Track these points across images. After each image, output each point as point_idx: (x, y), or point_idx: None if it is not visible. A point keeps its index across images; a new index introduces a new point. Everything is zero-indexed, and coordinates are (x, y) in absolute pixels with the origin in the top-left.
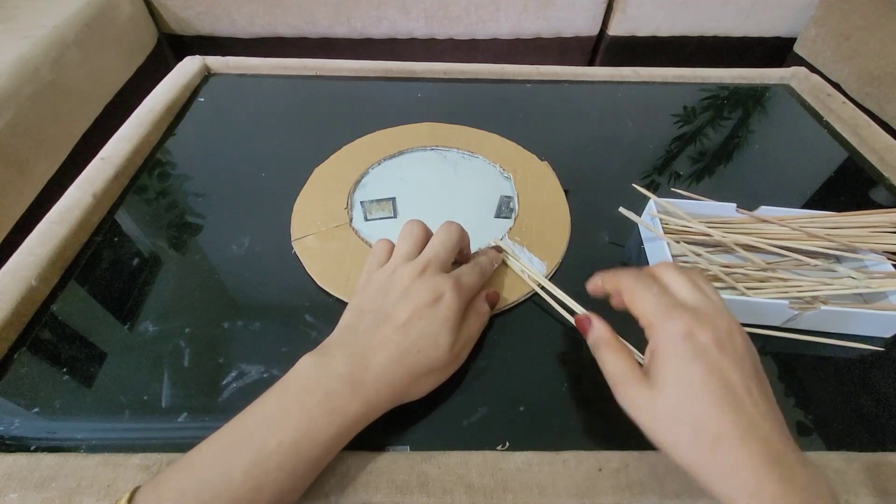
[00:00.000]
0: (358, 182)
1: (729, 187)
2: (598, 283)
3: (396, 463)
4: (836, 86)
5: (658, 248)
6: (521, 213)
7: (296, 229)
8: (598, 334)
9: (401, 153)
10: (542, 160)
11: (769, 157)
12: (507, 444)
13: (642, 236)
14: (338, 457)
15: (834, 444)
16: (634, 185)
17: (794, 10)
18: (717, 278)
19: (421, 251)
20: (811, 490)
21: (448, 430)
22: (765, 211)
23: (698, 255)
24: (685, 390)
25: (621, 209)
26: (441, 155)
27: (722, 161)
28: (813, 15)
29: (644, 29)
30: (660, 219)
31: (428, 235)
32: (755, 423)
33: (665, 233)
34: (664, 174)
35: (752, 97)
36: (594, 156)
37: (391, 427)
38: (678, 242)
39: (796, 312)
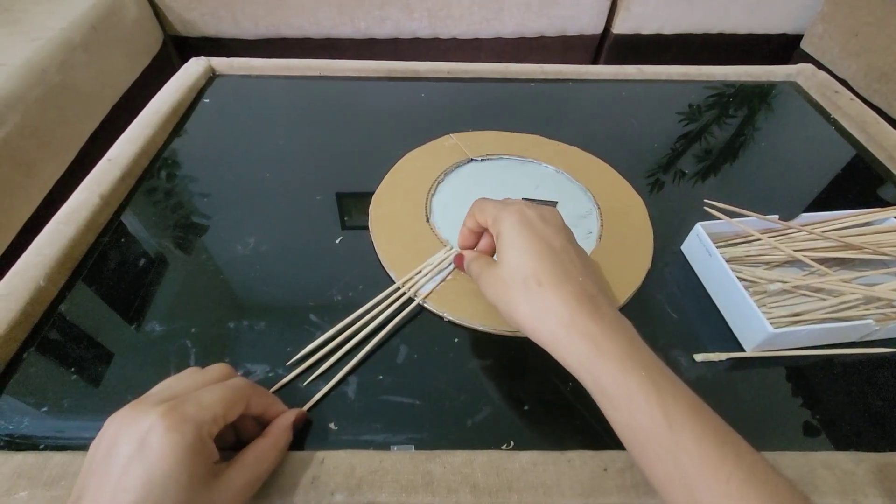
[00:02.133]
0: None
1: (735, 186)
2: (464, 233)
3: (401, 462)
4: (844, 83)
5: (716, 270)
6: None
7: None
8: (469, 257)
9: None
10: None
11: (776, 155)
12: (512, 443)
13: (688, 258)
14: (342, 456)
15: (842, 444)
16: (707, 207)
17: (800, 6)
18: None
19: None
20: (616, 325)
21: (453, 429)
22: (806, 218)
23: (758, 277)
24: (517, 252)
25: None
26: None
27: (728, 160)
28: (820, 11)
29: (648, 27)
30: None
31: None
32: (570, 273)
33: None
34: (669, 172)
35: (759, 95)
36: (599, 154)
37: (396, 427)
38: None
39: (877, 328)
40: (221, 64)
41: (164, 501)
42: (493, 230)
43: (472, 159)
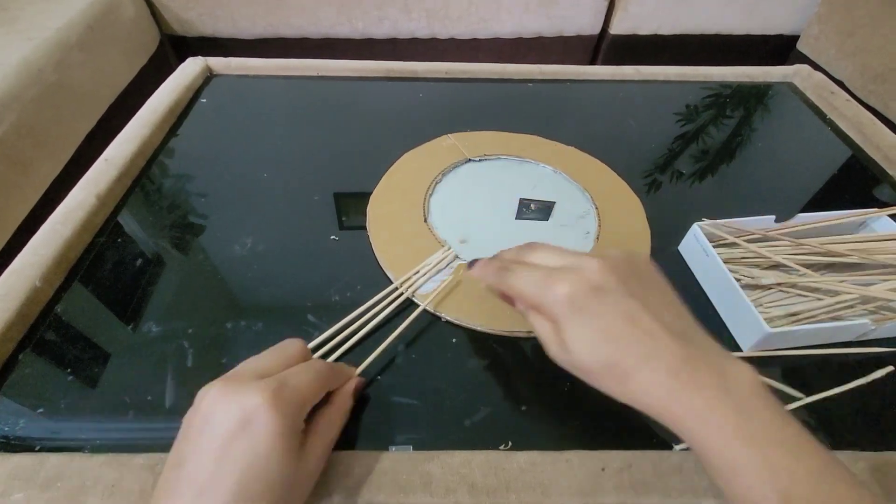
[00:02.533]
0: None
1: (732, 186)
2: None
3: (400, 463)
4: (840, 83)
5: (713, 270)
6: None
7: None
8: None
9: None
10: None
11: (772, 155)
12: (510, 443)
13: (685, 258)
14: (341, 457)
15: (839, 443)
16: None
17: (797, 7)
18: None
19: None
20: (721, 389)
21: (451, 429)
22: (802, 218)
23: (752, 277)
24: (587, 346)
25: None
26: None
27: (725, 160)
28: (816, 12)
29: (646, 27)
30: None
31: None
32: (649, 346)
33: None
34: (666, 173)
35: (755, 95)
36: (596, 154)
37: (394, 427)
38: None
39: (873, 327)
40: (219, 64)
41: (267, 473)
42: (545, 312)
43: (469, 159)
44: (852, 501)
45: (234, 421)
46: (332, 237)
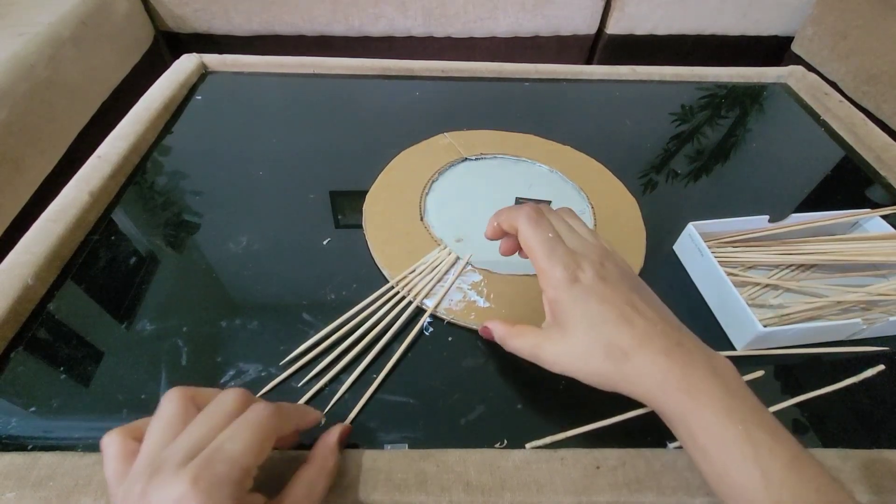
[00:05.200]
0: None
1: (726, 186)
2: (494, 226)
3: (395, 461)
4: (833, 84)
5: (707, 269)
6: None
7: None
8: (500, 332)
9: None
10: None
11: (766, 155)
12: (506, 441)
13: (680, 257)
14: None
15: (830, 441)
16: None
17: (791, 8)
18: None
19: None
20: (710, 371)
21: (446, 428)
22: (795, 219)
23: (746, 276)
24: (588, 325)
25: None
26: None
27: (720, 160)
28: (810, 14)
29: (642, 27)
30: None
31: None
32: (648, 330)
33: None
34: (662, 173)
35: (750, 96)
36: (592, 154)
37: (389, 425)
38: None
39: (864, 327)
40: (214, 60)
41: None
42: (544, 285)
43: (466, 158)
44: (827, 488)
45: None
46: (324, 241)
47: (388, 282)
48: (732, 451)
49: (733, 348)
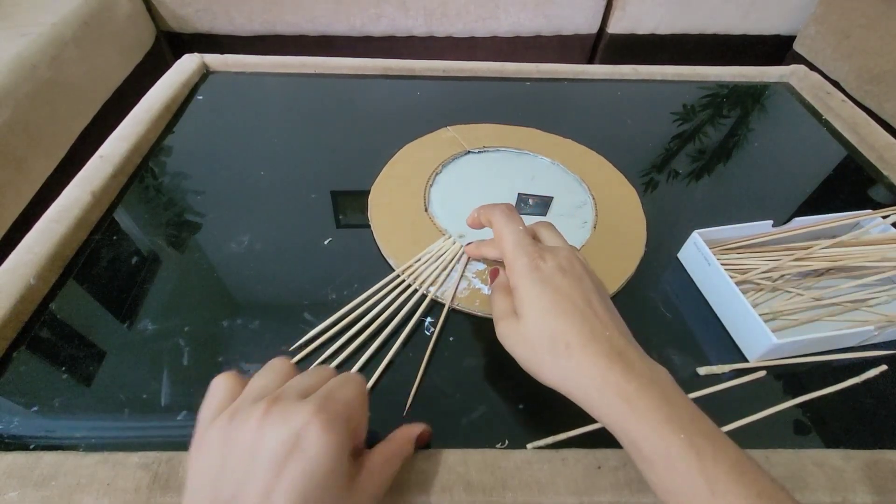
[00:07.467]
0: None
1: (728, 186)
2: (474, 216)
3: None
4: (836, 84)
5: (715, 279)
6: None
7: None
8: (500, 280)
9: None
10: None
11: (768, 155)
12: (507, 441)
13: (685, 265)
14: None
15: (833, 442)
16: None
17: (793, 7)
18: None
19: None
20: (650, 380)
21: (447, 428)
22: (798, 222)
23: (752, 283)
24: (539, 312)
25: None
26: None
27: (722, 160)
28: (812, 13)
29: (644, 27)
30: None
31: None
32: (597, 330)
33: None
34: (663, 172)
35: (752, 95)
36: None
37: (389, 425)
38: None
39: (876, 333)
40: (215, 60)
41: (324, 500)
42: (509, 273)
43: (469, 151)
44: (770, 490)
45: (284, 445)
46: (326, 241)
47: (393, 270)
48: (676, 461)
49: (744, 358)
